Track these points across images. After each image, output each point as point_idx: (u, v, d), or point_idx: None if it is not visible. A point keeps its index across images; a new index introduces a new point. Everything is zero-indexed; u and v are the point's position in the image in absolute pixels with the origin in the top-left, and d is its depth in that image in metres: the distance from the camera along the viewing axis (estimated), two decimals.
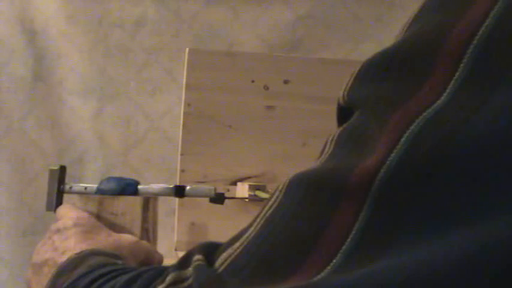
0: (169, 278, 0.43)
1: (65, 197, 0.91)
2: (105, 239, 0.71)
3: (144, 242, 0.75)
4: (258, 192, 1.42)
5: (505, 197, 0.33)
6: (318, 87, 1.53)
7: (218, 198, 0.97)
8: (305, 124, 1.52)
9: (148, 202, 0.78)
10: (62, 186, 0.90)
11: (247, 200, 1.43)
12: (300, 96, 1.53)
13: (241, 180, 1.50)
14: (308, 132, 1.51)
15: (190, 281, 0.41)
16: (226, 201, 1.05)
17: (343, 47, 2.00)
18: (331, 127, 0.42)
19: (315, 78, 1.54)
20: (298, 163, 1.43)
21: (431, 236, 0.34)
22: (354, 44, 2.00)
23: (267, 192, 1.42)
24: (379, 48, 0.40)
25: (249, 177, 1.50)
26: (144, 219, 0.77)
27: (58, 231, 0.71)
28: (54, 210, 0.88)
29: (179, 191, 0.87)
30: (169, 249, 1.43)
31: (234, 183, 1.50)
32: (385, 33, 1.98)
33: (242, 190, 1.47)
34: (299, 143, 1.51)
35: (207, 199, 0.98)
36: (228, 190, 1.47)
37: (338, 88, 0.42)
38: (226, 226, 1.42)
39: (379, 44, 1.94)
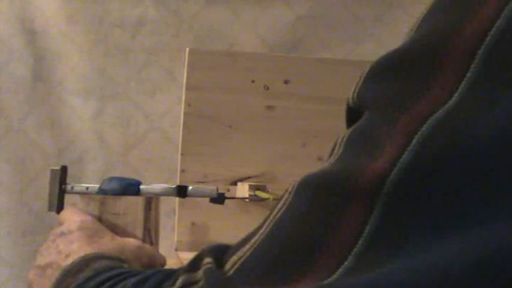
0: (179, 281, 0.42)
1: (66, 197, 0.91)
2: (109, 243, 0.70)
3: (147, 246, 0.75)
4: (258, 192, 1.42)
5: None
6: (318, 87, 1.53)
7: (218, 198, 0.97)
8: (305, 124, 1.52)
9: (151, 202, 0.77)
10: (63, 187, 0.90)
11: (247, 200, 1.43)
12: (300, 96, 1.53)
13: (241, 180, 1.50)
14: (308, 132, 1.51)
15: (200, 284, 0.41)
16: (227, 201, 1.05)
17: (343, 47, 2.00)
18: (331, 127, 0.42)
19: (315, 78, 1.54)
20: (298, 163, 1.44)
21: (443, 238, 0.34)
22: (354, 44, 2.00)
23: (267, 192, 1.42)
24: (379, 48, 0.40)
25: (249, 177, 1.50)
26: (146, 220, 0.76)
27: (62, 234, 0.71)
28: (56, 211, 0.88)
29: (181, 191, 0.86)
30: (169, 249, 1.43)
31: (234, 183, 1.50)
32: (385, 33, 1.98)
33: (242, 190, 1.47)
34: (299, 143, 1.51)
35: (207, 199, 0.98)
36: (228, 190, 1.47)
37: (338, 88, 0.43)
38: (227, 226, 1.42)
39: (379, 44, 1.93)
